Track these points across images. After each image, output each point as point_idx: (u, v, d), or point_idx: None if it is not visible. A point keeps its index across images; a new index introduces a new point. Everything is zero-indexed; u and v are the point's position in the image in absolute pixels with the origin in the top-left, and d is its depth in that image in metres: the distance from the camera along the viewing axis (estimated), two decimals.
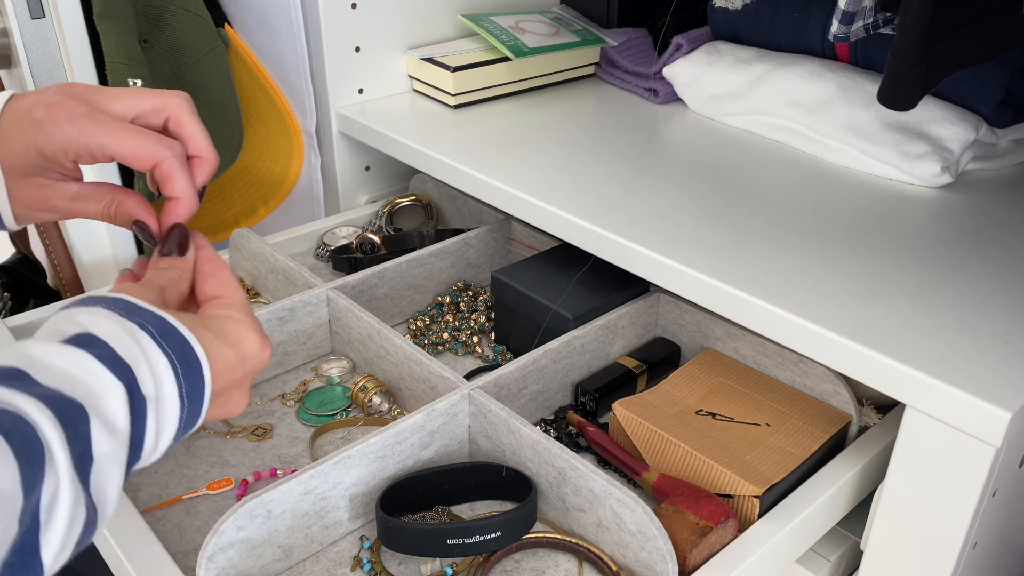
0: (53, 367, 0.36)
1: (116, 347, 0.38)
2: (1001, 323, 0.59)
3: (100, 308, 0.40)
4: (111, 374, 0.37)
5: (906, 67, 0.66)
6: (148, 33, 0.92)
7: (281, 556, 0.59)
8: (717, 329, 0.77)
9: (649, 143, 0.90)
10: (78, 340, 0.38)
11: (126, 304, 0.41)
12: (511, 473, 0.64)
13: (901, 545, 0.59)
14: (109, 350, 0.38)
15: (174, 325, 0.42)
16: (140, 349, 0.39)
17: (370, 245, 0.93)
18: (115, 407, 0.37)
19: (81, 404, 0.36)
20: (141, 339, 0.40)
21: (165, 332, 0.41)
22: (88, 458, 0.35)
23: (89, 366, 0.37)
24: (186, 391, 0.41)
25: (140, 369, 0.39)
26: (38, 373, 0.35)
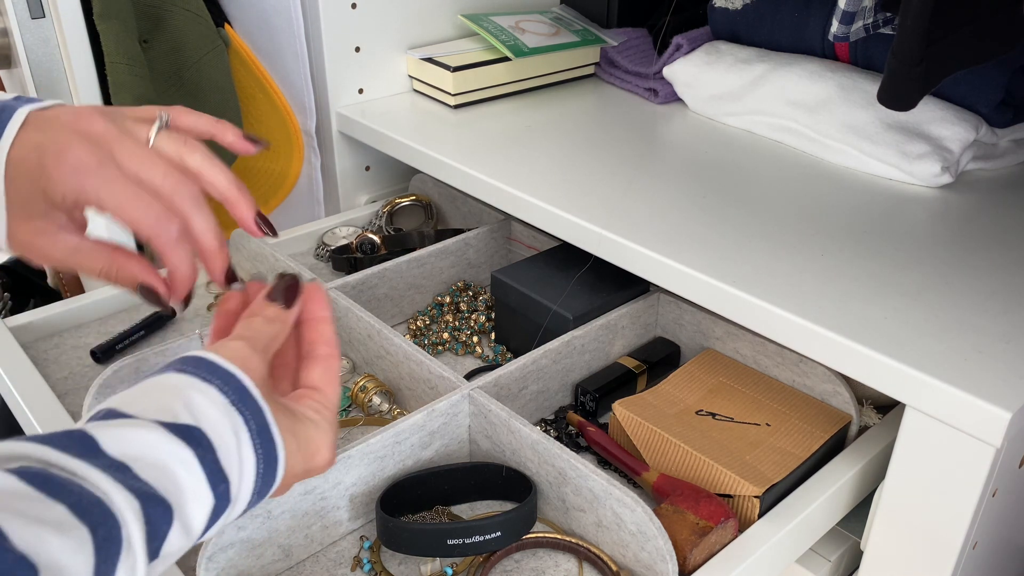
0: (156, 463, 0.37)
1: (220, 454, 0.39)
2: (1001, 323, 0.59)
3: (215, 391, 0.41)
4: (207, 483, 0.38)
5: (906, 67, 0.66)
6: (148, 33, 0.92)
7: (281, 556, 0.59)
8: (717, 329, 0.77)
9: (649, 143, 0.90)
10: (187, 434, 0.38)
11: (240, 390, 0.42)
12: (511, 473, 0.64)
13: (901, 545, 0.59)
14: (213, 456, 0.39)
15: (270, 428, 0.42)
16: (239, 456, 0.40)
17: (370, 245, 0.93)
18: (198, 514, 0.38)
19: (170, 505, 0.36)
20: (242, 440, 0.40)
21: (261, 430, 0.41)
22: (155, 555, 0.36)
23: (190, 466, 0.38)
24: (258, 489, 0.42)
25: (233, 478, 0.40)
26: (140, 468, 0.36)
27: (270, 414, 0.42)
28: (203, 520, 0.38)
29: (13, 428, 0.69)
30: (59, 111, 0.47)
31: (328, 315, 0.51)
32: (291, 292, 0.49)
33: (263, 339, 0.46)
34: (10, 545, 0.30)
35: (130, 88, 0.87)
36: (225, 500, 0.39)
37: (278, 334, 0.47)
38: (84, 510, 0.32)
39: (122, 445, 0.36)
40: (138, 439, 0.37)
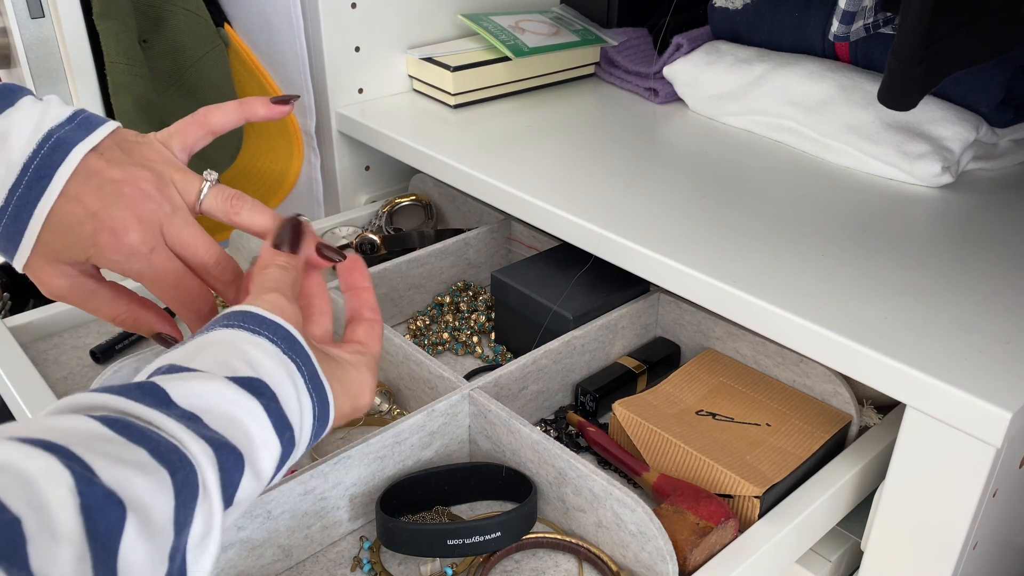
0: (225, 414, 0.38)
1: (283, 402, 0.41)
2: (1001, 323, 0.59)
3: (267, 342, 0.42)
4: (274, 431, 0.40)
5: (906, 67, 0.66)
6: (148, 33, 0.92)
7: (281, 556, 0.59)
8: (717, 329, 0.77)
9: (649, 143, 0.90)
10: (250, 386, 0.40)
11: (288, 338, 0.43)
12: (511, 473, 0.64)
13: (901, 545, 0.59)
14: (277, 404, 0.40)
15: (319, 373, 0.44)
16: (299, 402, 0.42)
17: (370, 245, 0.93)
18: (267, 460, 0.39)
19: (241, 453, 0.38)
20: (299, 387, 0.42)
21: (312, 376, 0.43)
22: (229, 502, 0.37)
23: (257, 416, 0.39)
24: (315, 431, 0.44)
25: (295, 424, 0.41)
26: (211, 419, 0.38)
27: (319, 365, 0.44)
28: (272, 466, 0.40)
29: None
30: (107, 164, 0.48)
31: (369, 285, 0.54)
32: (295, 235, 0.50)
33: (287, 287, 0.47)
34: (99, 481, 0.31)
35: (130, 88, 0.87)
36: (291, 445, 0.41)
37: (295, 280, 0.49)
38: (162, 455, 0.34)
39: (191, 397, 0.38)
40: (206, 391, 0.38)
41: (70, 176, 0.47)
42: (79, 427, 0.33)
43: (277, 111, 0.56)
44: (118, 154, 0.49)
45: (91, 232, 0.47)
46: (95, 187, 0.48)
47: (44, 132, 0.47)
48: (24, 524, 0.28)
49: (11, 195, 0.47)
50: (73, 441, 0.31)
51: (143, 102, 0.89)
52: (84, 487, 0.30)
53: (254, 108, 0.56)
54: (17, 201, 0.47)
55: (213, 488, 0.35)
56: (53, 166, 0.47)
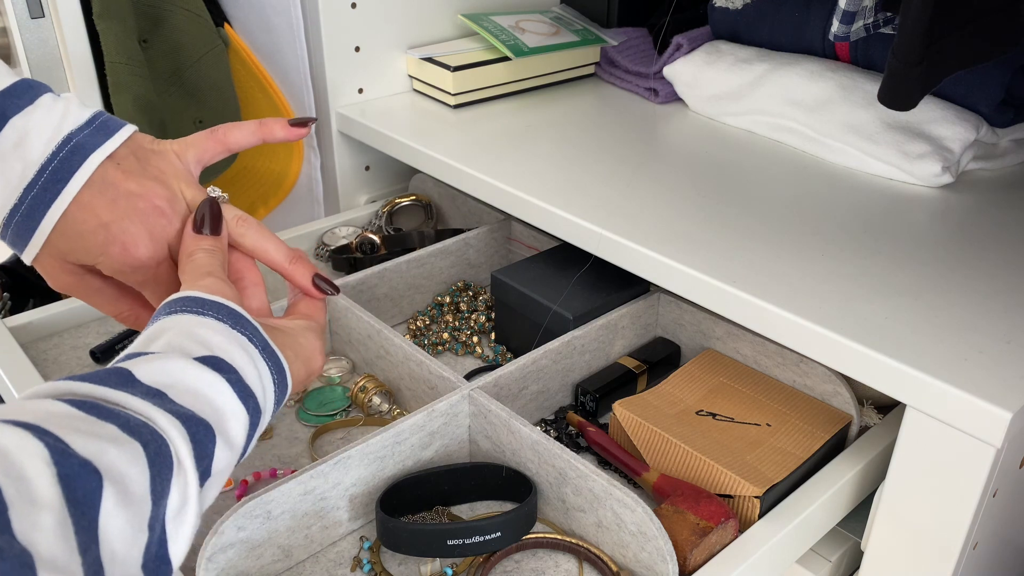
0: (189, 389, 0.39)
1: (243, 374, 0.42)
2: (1001, 323, 0.59)
3: (213, 320, 0.43)
4: (239, 400, 0.41)
5: (906, 67, 0.66)
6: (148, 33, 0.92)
7: (281, 556, 0.59)
8: (717, 329, 0.77)
9: (649, 143, 0.90)
10: (210, 362, 0.41)
11: (232, 313, 0.44)
12: (511, 473, 0.64)
13: (901, 545, 0.59)
14: (238, 376, 0.41)
15: (270, 343, 0.45)
16: (257, 372, 0.43)
17: (370, 245, 0.93)
18: (237, 429, 0.40)
19: (210, 424, 0.39)
20: (254, 357, 0.43)
21: (264, 346, 0.44)
22: (207, 474, 0.38)
23: (221, 389, 0.40)
24: (276, 397, 0.45)
25: (258, 392, 0.42)
26: (176, 394, 0.38)
27: (267, 336, 0.45)
28: (243, 435, 0.41)
29: None
30: (123, 175, 0.49)
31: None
32: (215, 218, 0.51)
33: (217, 268, 0.48)
34: (73, 451, 0.31)
35: (129, 88, 0.87)
36: (257, 413, 0.42)
37: (223, 261, 0.50)
38: (133, 429, 0.34)
39: (156, 375, 0.38)
40: (169, 369, 0.39)
41: (85, 184, 0.48)
42: (49, 408, 0.33)
43: (295, 133, 0.58)
44: (133, 164, 0.50)
45: (102, 242, 0.48)
46: (109, 199, 0.48)
47: (63, 136, 0.48)
48: (3, 491, 0.28)
49: (26, 193, 0.47)
50: (44, 419, 0.32)
51: (143, 102, 0.89)
52: (59, 457, 0.30)
53: (272, 130, 0.57)
54: (32, 200, 0.47)
55: (187, 460, 0.36)
56: (70, 171, 0.47)
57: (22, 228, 0.48)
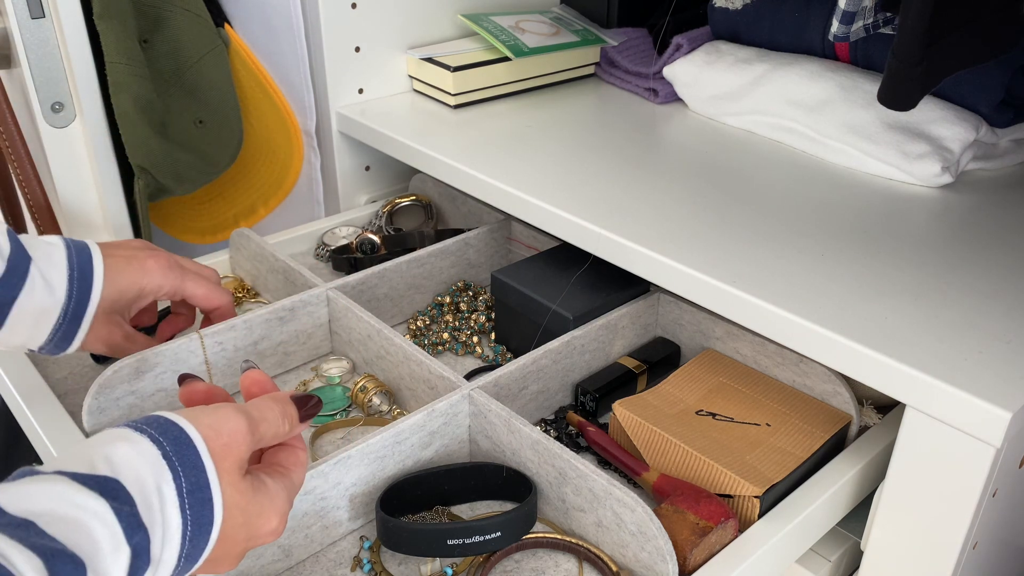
0: (64, 517, 0.35)
1: (139, 506, 0.38)
2: (1001, 323, 0.59)
3: (147, 441, 0.40)
4: (123, 535, 0.37)
5: (906, 67, 0.66)
6: (148, 33, 0.92)
7: (281, 556, 0.59)
8: (717, 329, 0.77)
9: (649, 143, 0.90)
10: (102, 486, 0.37)
11: (179, 441, 0.41)
12: (511, 473, 0.64)
13: (901, 545, 0.59)
14: (131, 508, 0.37)
15: (210, 487, 0.41)
16: (161, 512, 0.39)
17: (370, 245, 0.93)
18: (115, 569, 0.36)
19: (82, 560, 0.35)
20: (166, 497, 0.39)
21: (195, 488, 0.40)
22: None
23: (104, 518, 0.36)
24: (187, 553, 0.40)
25: (155, 532, 0.38)
26: (46, 523, 0.35)
27: (214, 473, 0.41)
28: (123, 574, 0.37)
29: (13, 428, 0.69)
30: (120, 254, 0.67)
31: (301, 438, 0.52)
32: (312, 411, 0.50)
33: (265, 423, 0.46)
34: None
35: (130, 88, 0.87)
36: (144, 556, 0.38)
37: (278, 432, 0.48)
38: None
39: (26, 502, 0.35)
40: (44, 493, 0.35)
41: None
42: None
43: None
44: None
45: (136, 259, 0.66)
46: (121, 258, 0.67)
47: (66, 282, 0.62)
48: None
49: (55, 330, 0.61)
50: None
51: (143, 102, 0.89)
52: None
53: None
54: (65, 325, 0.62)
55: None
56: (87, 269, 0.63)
57: (65, 336, 0.62)
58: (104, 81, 0.87)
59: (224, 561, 0.44)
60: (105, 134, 0.90)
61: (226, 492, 0.42)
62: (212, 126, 0.97)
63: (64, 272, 0.60)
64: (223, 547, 0.43)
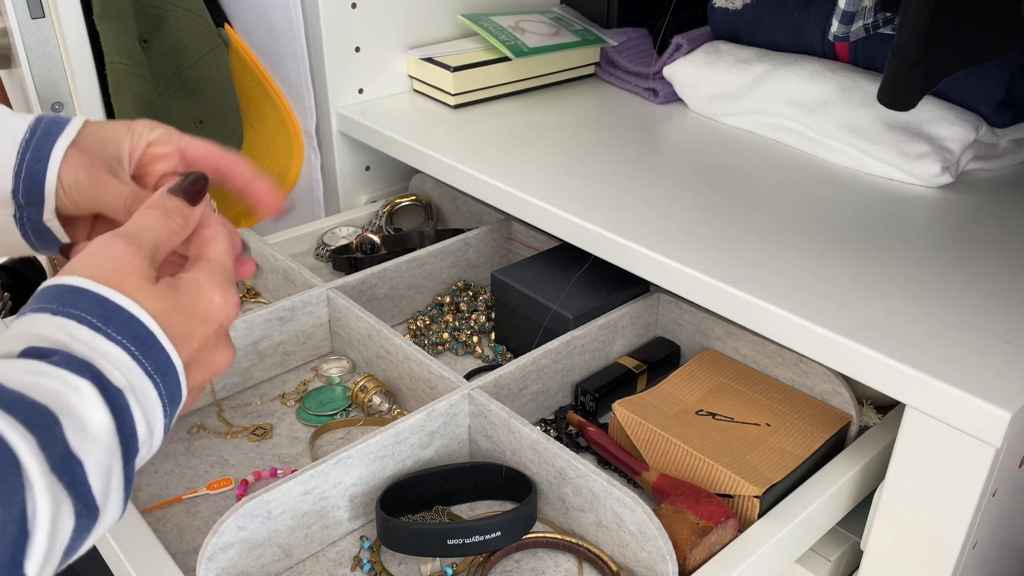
0: (11, 380, 0.34)
1: (69, 349, 0.37)
2: (1001, 323, 0.59)
3: (31, 314, 0.38)
4: (73, 374, 0.36)
5: (906, 67, 0.66)
6: (148, 33, 0.92)
7: (281, 556, 0.59)
8: (717, 329, 0.77)
9: (649, 143, 0.90)
10: (28, 353, 0.36)
11: (59, 293, 0.39)
12: (511, 473, 0.64)
13: (901, 545, 0.59)
14: (63, 354, 0.36)
15: (117, 304, 0.39)
16: (88, 347, 0.37)
17: (370, 245, 0.93)
18: (88, 404, 0.36)
19: (48, 407, 0.34)
20: (83, 336, 0.38)
21: (107, 316, 0.39)
22: (72, 459, 0.34)
23: (47, 371, 0.35)
24: (152, 368, 0.39)
25: (101, 363, 0.37)
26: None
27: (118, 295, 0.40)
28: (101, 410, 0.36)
29: None
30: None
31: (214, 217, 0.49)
32: (196, 189, 0.47)
33: (148, 229, 0.44)
34: None
35: (130, 88, 0.87)
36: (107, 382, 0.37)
37: (173, 229, 0.45)
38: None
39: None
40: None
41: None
42: None
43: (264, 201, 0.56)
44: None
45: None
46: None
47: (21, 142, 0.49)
48: None
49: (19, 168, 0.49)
50: None
51: (143, 102, 0.89)
52: None
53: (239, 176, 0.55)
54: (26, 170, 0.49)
55: (24, 449, 0.32)
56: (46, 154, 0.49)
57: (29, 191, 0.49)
58: (104, 81, 0.87)
59: (212, 353, 0.43)
60: None
61: (145, 304, 0.40)
62: (212, 126, 0.97)
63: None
64: (190, 344, 0.42)
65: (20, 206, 0.49)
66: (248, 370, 0.77)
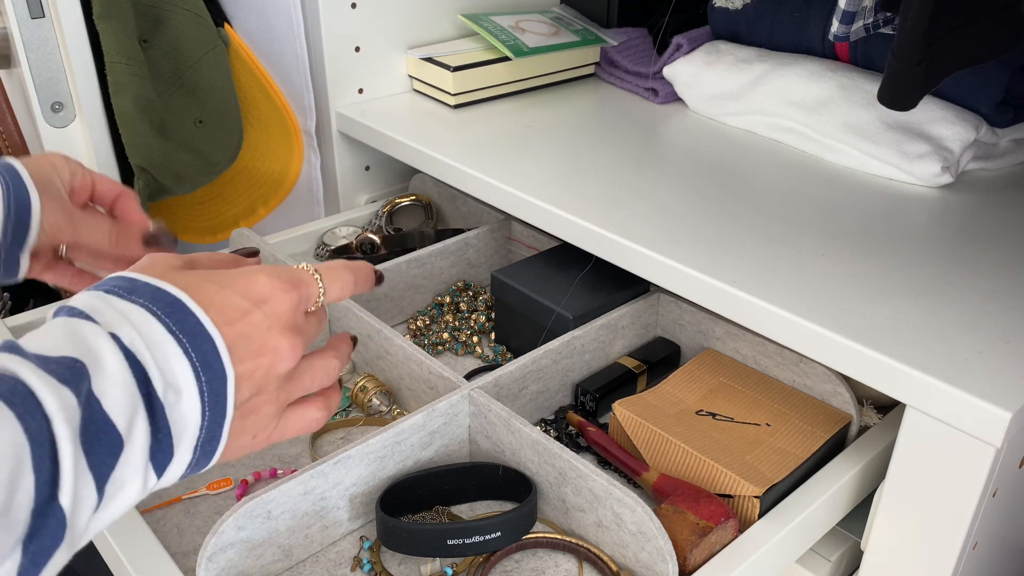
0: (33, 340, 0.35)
1: (82, 306, 0.37)
2: (1001, 323, 0.59)
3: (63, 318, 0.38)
4: (79, 318, 0.36)
5: (906, 67, 0.66)
6: (148, 33, 0.92)
7: (281, 556, 0.59)
8: (717, 329, 0.77)
9: (649, 143, 0.90)
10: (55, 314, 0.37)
11: (92, 297, 0.38)
12: (511, 473, 0.64)
13: (901, 545, 0.59)
14: (68, 307, 0.37)
15: (145, 281, 0.39)
16: (106, 303, 0.37)
17: (370, 245, 0.93)
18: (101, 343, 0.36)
19: (71, 356, 0.34)
20: (109, 302, 0.37)
21: (133, 288, 0.38)
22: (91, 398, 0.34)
23: (59, 322, 0.36)
24: (174, 325, 0.37)
25: (110, 315, 0.37)
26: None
27: (139, 274, 0.40)
28: (122, 369, 0.35)
29: None
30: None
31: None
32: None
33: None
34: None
35: (130, 88, 0.87)
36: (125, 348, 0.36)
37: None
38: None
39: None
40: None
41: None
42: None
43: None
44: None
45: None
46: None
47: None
48: None
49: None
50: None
51: (143, 102, 0.89)
52: None
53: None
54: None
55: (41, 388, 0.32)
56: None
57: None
58: (104, 81, 0.87)
59: (267, 340, 0.40)
60: (105, 134, 0.90)
61: (171, 279, 0.40)
62: (212, 126, 0.97)
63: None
64: (234, 324, 0.39)
65: (5, 248, 0.53)
66: None
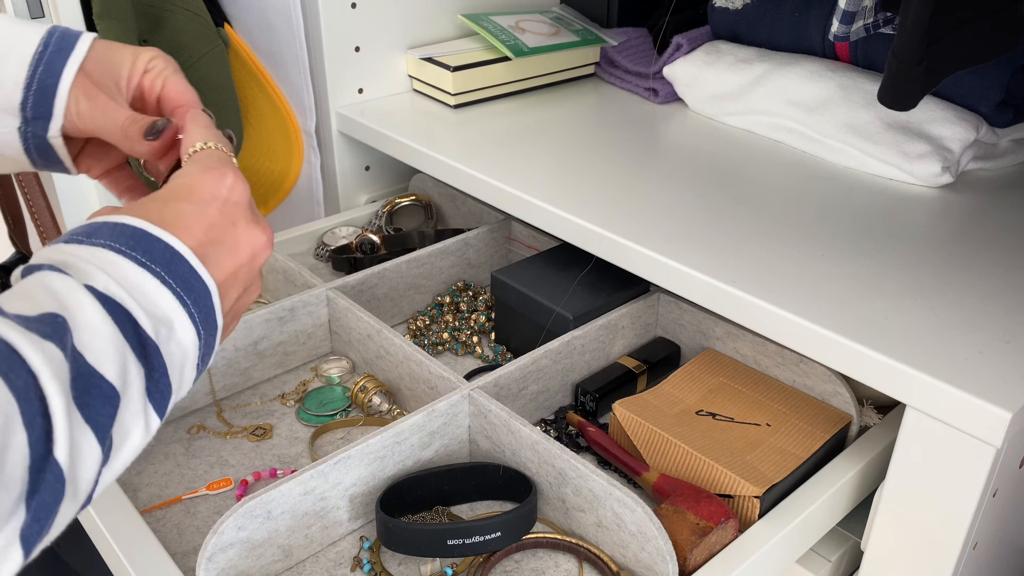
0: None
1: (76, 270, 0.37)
2: (1001, 323, 0.59)
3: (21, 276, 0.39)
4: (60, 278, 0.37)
5: (906, 67, 0.66)
6: (148, 33, 0.92)
7: (281, 556, 0.59)
8: (717, 329, 0.77)
9: (649, 143, 0.90)
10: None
11: (53, 252, 0.39)
12: (511, 473, 0.64)
13: (901, 545, 0.59)
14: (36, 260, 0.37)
15: (95, 221, 0.40)
16: (71, 256, 0.38)
17: (370, 245, 0.93)
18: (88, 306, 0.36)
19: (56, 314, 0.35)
20: (72, 252, 0.38)
21: (92, 231, 0.39)
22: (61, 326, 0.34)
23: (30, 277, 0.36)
24: (147, 259, 0.39)
25: (95, 277, 0.37)
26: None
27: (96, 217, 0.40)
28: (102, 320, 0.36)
29: None
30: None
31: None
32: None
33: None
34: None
35: None
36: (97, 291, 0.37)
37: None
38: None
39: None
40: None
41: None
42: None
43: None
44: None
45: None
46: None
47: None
48: None
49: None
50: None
51: None
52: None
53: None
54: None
55: (19, 339, 0.32)
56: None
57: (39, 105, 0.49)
58: None
59: (236, 234, 0.43)
60: None
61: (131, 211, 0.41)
62: None
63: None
64: (197, 228, 0.41)
65: (27, 119, 0.49)
66: (248, 370, 0.77)
